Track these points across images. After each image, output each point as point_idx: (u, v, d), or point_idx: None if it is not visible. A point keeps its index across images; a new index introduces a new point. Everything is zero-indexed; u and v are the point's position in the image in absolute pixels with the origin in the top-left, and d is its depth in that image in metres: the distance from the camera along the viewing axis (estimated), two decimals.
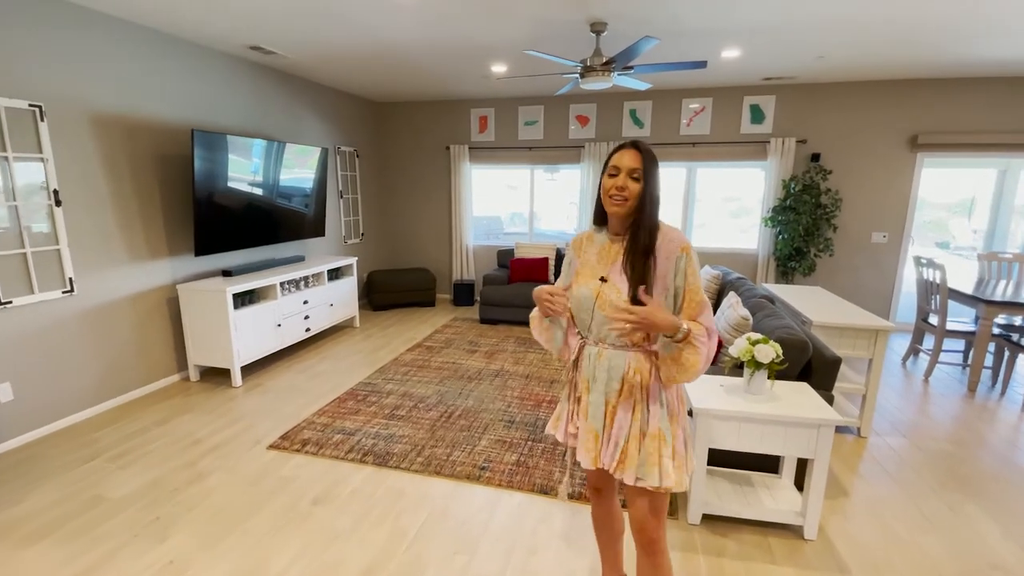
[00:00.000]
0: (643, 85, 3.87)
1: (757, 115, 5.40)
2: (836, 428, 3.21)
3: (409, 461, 2.73)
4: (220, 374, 4.01)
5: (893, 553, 2.12)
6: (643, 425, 1.42)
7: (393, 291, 6.11)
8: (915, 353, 4.58)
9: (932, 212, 5.68)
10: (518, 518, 2.31)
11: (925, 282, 4.23)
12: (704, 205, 5.92)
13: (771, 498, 2.33)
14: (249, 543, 2.14)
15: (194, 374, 3.89)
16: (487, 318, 5.59)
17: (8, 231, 2.83)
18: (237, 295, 3.84)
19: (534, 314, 1.57)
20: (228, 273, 4.01)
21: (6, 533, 2.20)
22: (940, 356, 4.44)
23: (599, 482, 1.65)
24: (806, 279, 5.53)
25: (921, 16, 3.16)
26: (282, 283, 4.27)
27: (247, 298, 3.97)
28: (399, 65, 4.51)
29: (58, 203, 3.04)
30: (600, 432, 1.46)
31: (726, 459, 2.56)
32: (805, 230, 5.15)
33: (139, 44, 3.43)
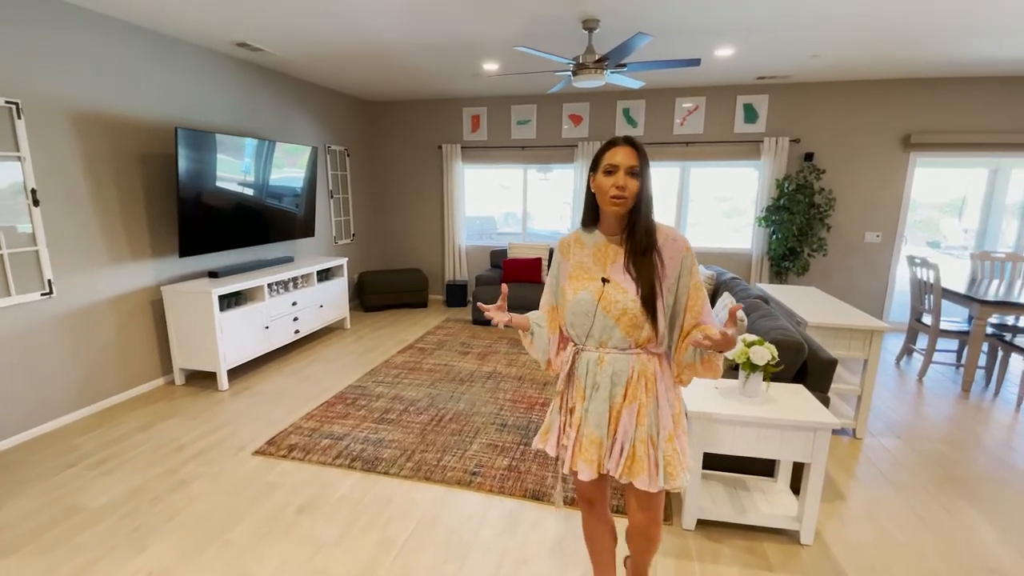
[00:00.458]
0: (636, 83, 3.83)
1: (751, 114, 5.38)
2: (832, 430, 3.18)
3: (398, 467, 2.67)
4: (206, 378, 3.92)
5: (890, 558, 2.09)
6: (652, 429, 1.39)
7: (385, 292, 6.04)
8: (909, 353, 4.57)
9: (923, 212, 5.68)
10: (510, 525, 2.26)
11: (919, 282, 4.22)
12: (697, 205, 5.89)
13: (767, 503, 2.29)
14: (231, 553, 2.07)
15: (179, 378, 3.81)
16: (480, 319, 5.53)
17: None
18: (223, 297, 3.76)
19: (520, 335, 1.58)
20: (214, 274, 3.93)
21: None
22: (933, 356, 4.43)
23: (592, 494, 1.58)
24: (800, 279, 5.51)
25: (915, 15, 3.14)
26: (270, 284, 4.20)
27: (234, 300, 3.89)
28: (390, 63, 4.45)
29: (36, 203, 2.95)
30: (604, 439, 1.41)
31: (721, 463, 2.52)
32: (799, 230, 5.14)
33: (120, 40, 3.35)
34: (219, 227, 3.93)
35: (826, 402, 2.44)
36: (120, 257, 3.45)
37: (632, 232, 1.37)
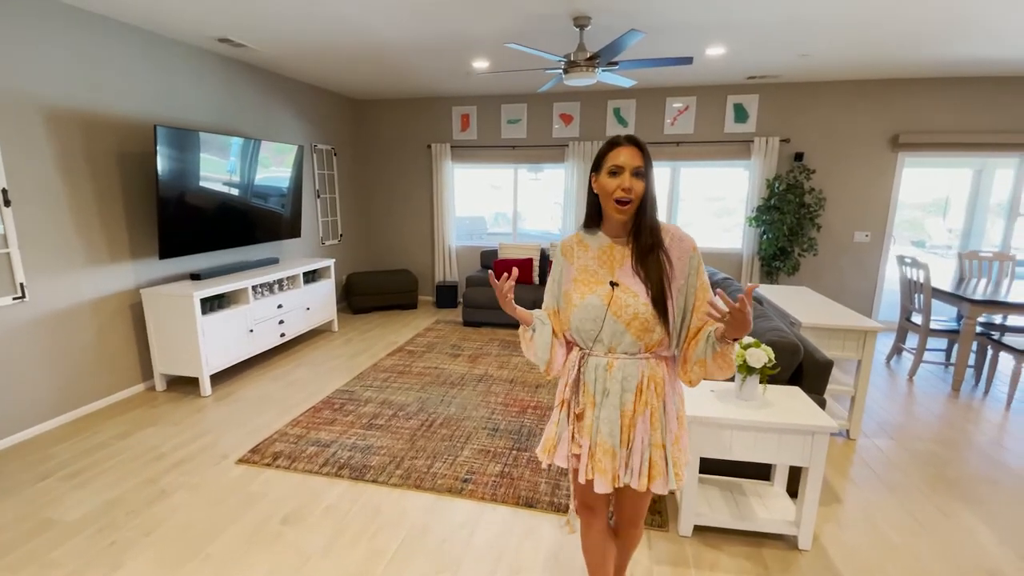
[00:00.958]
0: (628, 82, 3.79)
1: (741, 114, 5.37)
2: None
3: (387, 474, 2.60)
4: (188, 383, 3.81)
5: (888, 561, 2.06)
6: (663, 433, 1.37)
7: (373, 293, 5.95)
8: (898, 352, 4.59)
9: (908, 212, 5.74)
10: (503, 534, 2.19)
11: (908, 281, 4.23)
12: (688, 205, 5.88)
13: (764, 507, 2.26)
14: (212, 568, 1.99)
15: (160, 383, 3.69)
16: (470, 320, 5.46)
17: None
18: (206, 300, 3.66)
19: (520, 330, 1.48)
20: (197, 276, 3.81)
21: None
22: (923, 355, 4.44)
23: (594, 500, 1.52)
24: (790, 279, 5.52)
25: (903, 18, 3.13)
26: (255, 286, 4.09)
27: (217, 303, 3.78)
28: (378, 60, 4.36)
29: (7, 203, 2.83)
30: (617, 448, 1.36)
31: (716, 466, 2.48)
32: (789, 230, 5.14)
33: (95, 34, 3.23)
34: (201, 228, 3.82)
35: (822, 404, 2.41)
36: (98, 259, 3.33)
37: (638, 233, 1.34)
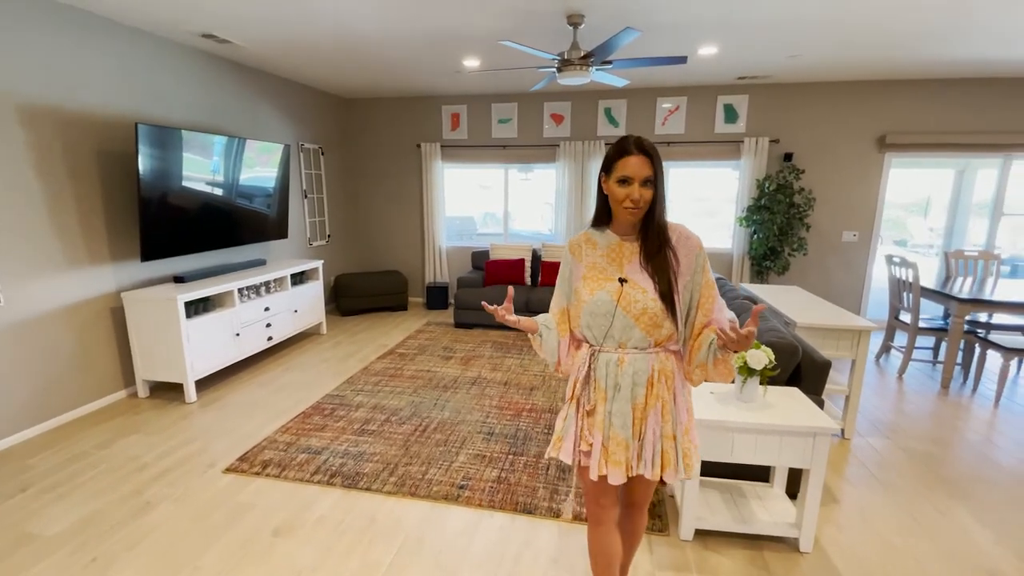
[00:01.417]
0: (621, 82, 3.77)
1: (731, 115, 5.39)
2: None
3: (381, 482, 2.53)
4: (172, 389, 3.70)
5: (889, 563, 2.05)
6: (674, 425, 1.41)
7: (362, 295, 5.85)
8: (887, 350, 4.63)
9: (890, 211, 5.79)
10: (501, 542, 2.15)
11: (897, 280, 4.27)
12: (678, 205, 5.88)
13: (764, 509, 2.24)
14: None
15: (143, 390, 3.57)
16: (462, 322, 5.40)
17: None
18: (190, 303, 3.55)
19: (530, 337, 1.52)
20: (180, 279, 3.70)
21: None
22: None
23: (604, 496, 1.49)
24: (780, 278, 5.55)
25: (892, 18, 3.15)
26: (240, 289, 3.99)
27: (202, 306, 3.68)
28: (366, 58, 4.28)
29: None
30: (630, 440, 1.40)
31: (715, 468, 2.46)
32: (779, 229, 5.16)
33: (72, 29, 3.11)
34: (185, 229, 3.71)
35: (820, 405, 2.41)
36: (77, 262, 3.21)
37: (646, 232, 1.38)
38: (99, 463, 2.74)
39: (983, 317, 4.30)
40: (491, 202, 6.42)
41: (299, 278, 4.85)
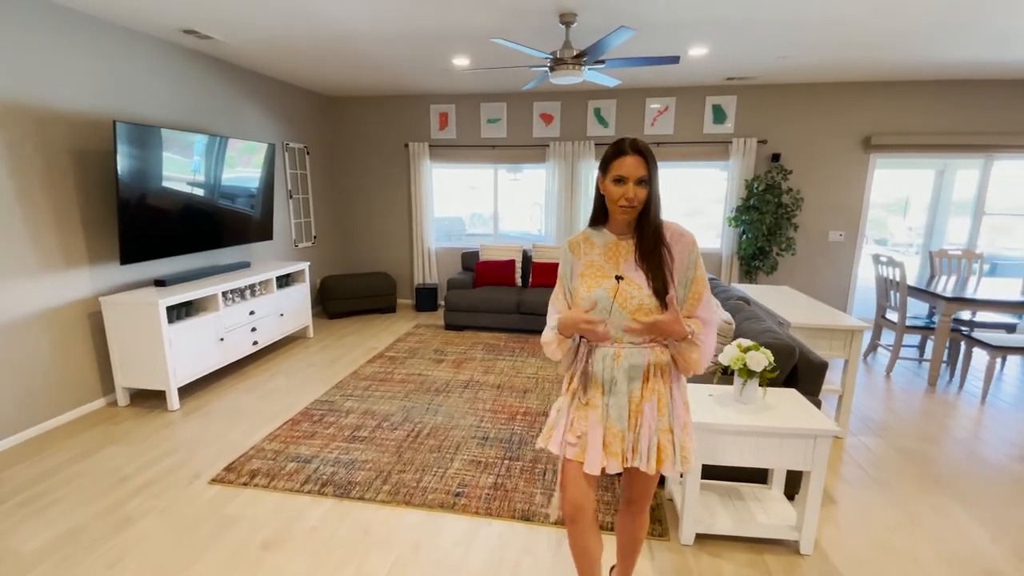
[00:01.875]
0: (612, 81, 3.74)
1: (719, 115, 5.41)
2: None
3: (374, 490, 2.46)
4: (153, 397, 3.57)
5: (888, 563, 2.05)
6: (671, 419, 1.45)
7: (350, 297, 5.75)
8: (874, 349, 4.68)
9: (871, 211, 5.87)
10: (500, 550, 2.10)
11: (884, 279, 4.32)
12: (667, 205, 5.88)
13: (763, 512, 2.22)
14: None
15: (123, 398, 3.45)
16: (453, 324, 5.33)
17: None
18: (172, 307, 3.44)
19: (550, 337, 1.47)
20: (162, 283, 3.58)
21: None
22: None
23: (584, 498, 1.49)
24: (768, 278, 5.59)
25: (883, 19, 3.17)
26: (225, 292, 3.88)
27: (184, 310, 3.57)
28: (353, 55, 4.20)
29: None
30: (626, 432, 1.44)
31: (713, 470, 2.44)
32: (768, 229, 5.19)
33: (46, 23, 2.99)
34: (166, 231, 3.59)
35: (818, 405, 2.40)
36: (51, 265, 3.08)
37: (641, 231, 1.42)
38: (78, 475, 2.62)
39: (966, 315, 4.37)
40: (479, 203, 6.37)
41: (285, 280, 4.75)
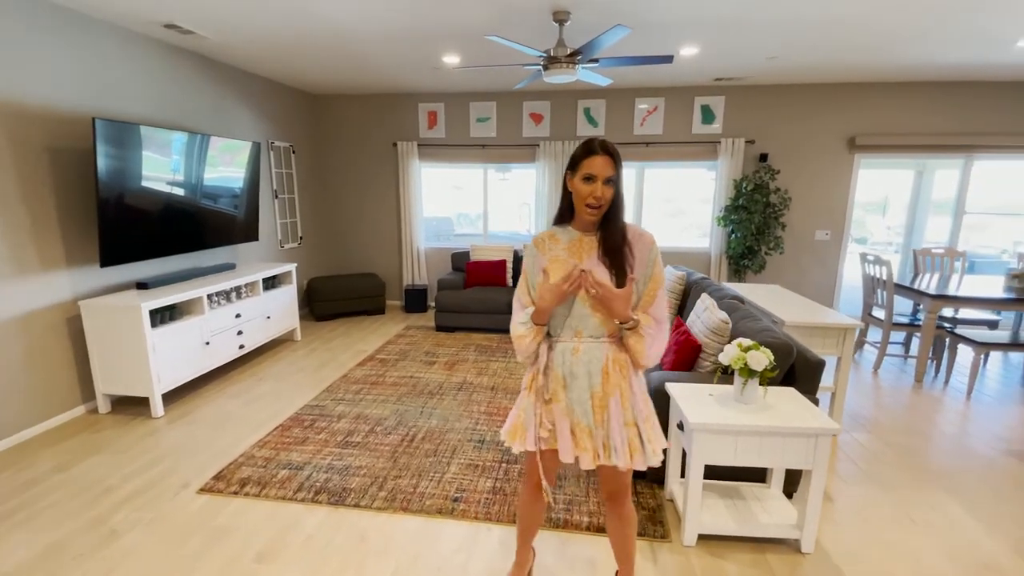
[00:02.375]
0: (605, 81, 3.73)
1: (708, 115, 5.44)
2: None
3: (370, 497, 2.41)
4: (136, 404, 3.46)
5: (889, 561, 2.06)
6: (634, 412, 1.49)
7: (338, 299, 5.66)
8: (860, 346, 4.75)
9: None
10: (501, 556, 2.06)
11: (871, 278, 4.38)
12: (655, 205, 5.91)
13: (764, 511, 2.22)
14: None
15: (104, 405, 3.33)
16: (444, 325, 5.27)
17: None
18: (155, 311, 3.33)
19: (524, 331, 1.48)
20: (144, 285, 3.47)
21: None
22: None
23: (551, 474, 1.59)
24: (756, 277, 5.64)
25: (881, 17, 3.21)
26: (209, 295, 3.77)
27: (168, 314, 3.46)
28: (340, 52, 4.12)
29: None
30: (593, 427, 1.48)
31: (712, 470, 2.43)
32: (757, 229, 5.24)
33: (21, 16, 2.86)
34: (148, 232, 3.48)
35: (816, 404, 2.41)
36: (27, 268, 2.96)
37: (605, 230, 1.47)
38: (59, 487, 2.51)
39: (949, 312, 4.45)
40: (467, 202, 6.32)
41: (271, 282, 4.65)
